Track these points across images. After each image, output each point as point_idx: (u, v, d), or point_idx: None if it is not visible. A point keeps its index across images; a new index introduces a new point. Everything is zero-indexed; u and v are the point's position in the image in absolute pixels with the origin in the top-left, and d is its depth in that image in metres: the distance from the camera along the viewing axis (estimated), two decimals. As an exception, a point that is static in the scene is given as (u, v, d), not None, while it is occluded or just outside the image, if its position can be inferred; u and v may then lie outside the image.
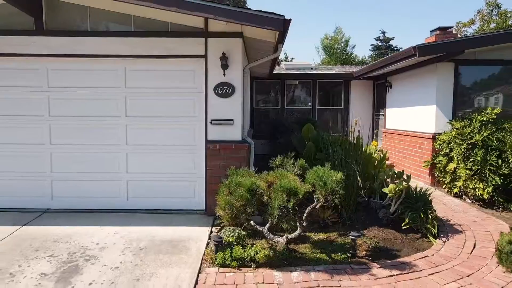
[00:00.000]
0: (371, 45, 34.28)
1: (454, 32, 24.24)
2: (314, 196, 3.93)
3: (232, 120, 5.28)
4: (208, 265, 3.84)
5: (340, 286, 3.45)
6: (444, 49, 6.60)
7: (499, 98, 7.39)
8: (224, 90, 5.22)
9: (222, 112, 5.27)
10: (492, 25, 21.15)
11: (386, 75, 9.66)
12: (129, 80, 5.36)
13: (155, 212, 5.42)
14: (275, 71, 10.28)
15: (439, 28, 10.62)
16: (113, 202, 5.47)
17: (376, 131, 10.59)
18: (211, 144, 5.27)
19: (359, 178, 4.94)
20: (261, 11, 4.39)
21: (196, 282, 3.46)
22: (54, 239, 4.40)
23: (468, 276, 3.65)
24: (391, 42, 33.58)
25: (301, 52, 53.34)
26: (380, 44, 33.80)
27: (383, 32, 33.80)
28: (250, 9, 4.52)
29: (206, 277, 3.57)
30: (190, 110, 5.39)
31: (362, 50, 63.46)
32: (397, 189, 4.62)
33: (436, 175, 7.07)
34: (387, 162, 9.08)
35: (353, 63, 27.05)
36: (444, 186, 6.91)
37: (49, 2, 5.20)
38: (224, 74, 5.17)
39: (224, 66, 5.11)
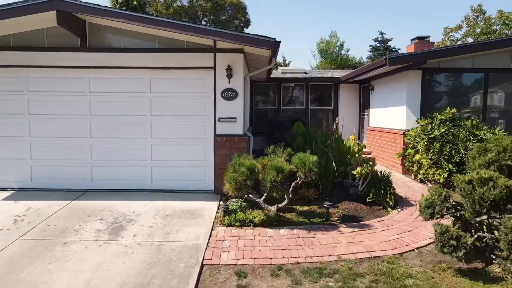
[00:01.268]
0: (370, 46, 33.67)
1: (443, 36, 25.64)
2: (297, 175, 5.27)
3: (235, 118, 6.60)
4: (218, 225, 5.18)
5: (314, 237, 4.79)
6: (410, 59, 7.95)
7: (459, 99, 8.71)
8: (229, 94, 6.56)
9: (227, 112, 6.59)
10: (478, 30, 22.45)
11: (369, 79, 10.97)
12: (153, 86, 6.69)
13: (173, 191, 6.76)
14: (272, 76, 11.54)
15: (418, 38, 12.01)
16: (140, 183, 6.81)
17: (355, 128, 11.92)
18: (218, 137, 6.60)
19: (334, 164, 6.28)
20: (258, 35, 5.74)
21: (210, 235, 4.81)
22: (99, 209, 5.76)
23: (408, 231, 5.01)
24: (390, 43, 33.02)
25: (301, 53, 54.09)
26: (378, 45, 33.23)
27: (382, 33, 33.26)
28: (249, 33, 5.88)
29: (217, 232, 4.92)
30: (201, 110, 6.71)
31: (361, 51, 64.23)
32: (362, 171, 5.96)
33: (406, 164, 8.41)
34: (370, 156, 10.49)
35: (350, 65, 27.54)
36: (412, 174, 8.25)
37: (91, 26, 6.53)
38: (229, 82, 6.50)
39: (229, 76, 6.45)
